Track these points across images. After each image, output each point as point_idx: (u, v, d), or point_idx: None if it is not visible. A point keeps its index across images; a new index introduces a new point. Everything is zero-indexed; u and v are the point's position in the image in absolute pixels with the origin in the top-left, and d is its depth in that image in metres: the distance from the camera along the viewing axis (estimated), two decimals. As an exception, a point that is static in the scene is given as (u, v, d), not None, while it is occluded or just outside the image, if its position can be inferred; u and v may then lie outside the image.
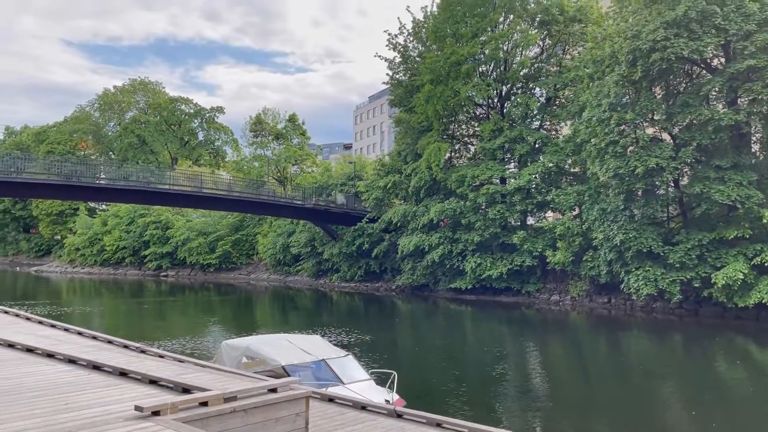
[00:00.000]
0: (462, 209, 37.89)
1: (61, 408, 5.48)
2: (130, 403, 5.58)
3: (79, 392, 6.11)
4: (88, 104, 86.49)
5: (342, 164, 60.95)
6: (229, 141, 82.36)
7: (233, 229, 58.81)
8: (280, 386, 6.08)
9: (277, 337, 12.12)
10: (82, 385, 6.43)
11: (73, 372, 7.10)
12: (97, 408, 5.48)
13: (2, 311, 14.38)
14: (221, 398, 5.57)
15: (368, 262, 46.05)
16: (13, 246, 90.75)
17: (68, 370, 7.19)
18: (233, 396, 5.67)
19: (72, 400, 5.74)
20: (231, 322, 32.24)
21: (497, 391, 15.60)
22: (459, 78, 38.62)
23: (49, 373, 7.07)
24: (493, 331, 29.37)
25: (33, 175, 42.11)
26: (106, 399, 5.84)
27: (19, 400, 5.78)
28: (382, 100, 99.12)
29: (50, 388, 6.28)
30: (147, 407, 5.10)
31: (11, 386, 6.32)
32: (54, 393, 6.04)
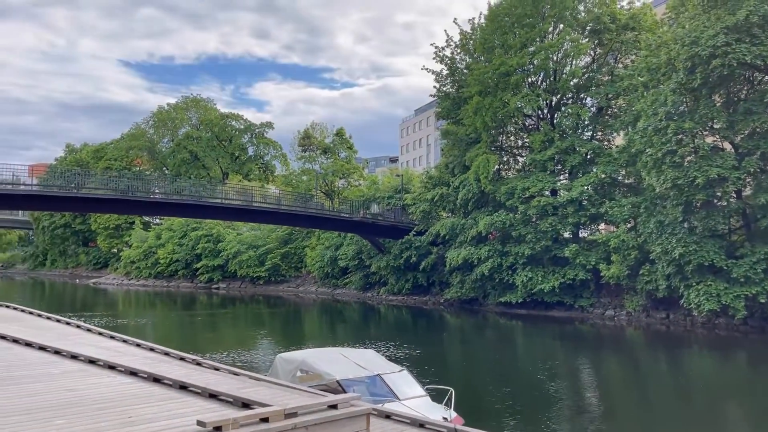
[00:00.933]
0: (512, 222, 37.29)
1: (125, 421, 5.50)
2: (192, 417, 5.54)
3: (141, 405, 6.13)
4: (143, 122, 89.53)
5: (389, 177, 61.02)
6: (278, 156, 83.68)
7: (282, 242, 59.51)
8: (340, 402, 5.95)
9: (331, 350, 12.04)
10: (144, 398, 6.46)
11: (134, 384, 7.16)
12: (160, 422, 5.47)
13: (64, 322, 14.82)
14: (282, 414, 5.48)
15: (416, 275, 45.77)
16: (73, 259, 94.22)
17: (130, 382, 7.26)
18: (294, 412, 5.57)
19: (135, 413, 5.75)
20: (281, 334, 32.46)
21: (554, 410, 15.11)
22: (508, 89, 38.21)
23: (111, 384, 7.15)
24: (546, 346, 28.63)
25: (92, 191, 43.62)
26: (168, 412, 5.84)
27: (84, 412, 5.83)
28: (428, 113, 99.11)
29: (113, 400, 6.32)
30: (209, 422, 5.05)
31: (76, 398, 6.40)
32: (117, 406, 6.07)
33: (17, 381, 7.23)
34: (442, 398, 10.24)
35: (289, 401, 5.96)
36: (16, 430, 5.23)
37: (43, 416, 5.64)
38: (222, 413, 5.69)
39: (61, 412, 5.82)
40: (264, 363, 21.82)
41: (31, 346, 9.99)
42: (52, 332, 12.52)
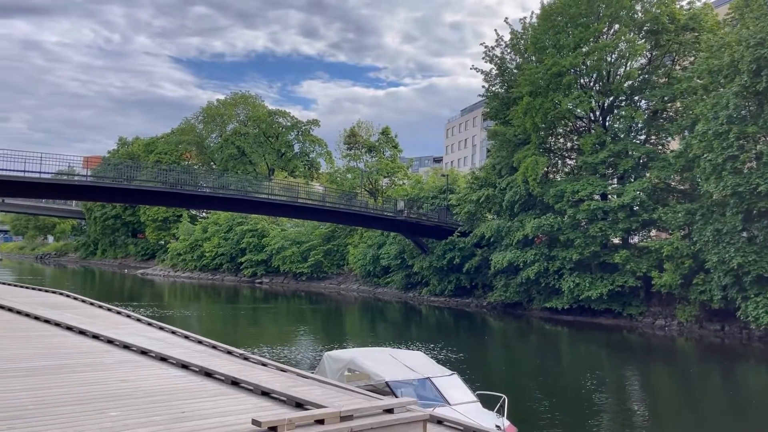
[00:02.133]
0: (560, 225, 36.42)
1: (178, 415, 5.40)
2: (246, 416, 5.41)
3: (194, 399, 6.04)
4: (193, 117, 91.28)
5: (433, 177, 60.58)
6: (323, 153, 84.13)
7: (325, 239, 59.74)
8: (396, 407, 5.73)
9: (379, 350, 11.84)
10: (196, 392, 6.37)
11: (186, 378, 7.09)
12: (213, 418, 5.35)
13: (115, 311, 15.04)
14: (337, 416, 5.29)
15: (459, 277, 45.23)
16: (122, 249, 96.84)
17: (181, 375, 7.20)
18: (349, 415, 5.37)
19: (188, 408, 5.65)
20: (323, 332, 32.51)
21: (604, 423, 14.56)
22: (559, 90, 37.32)
23: (163, 377, 7.10)
24: (593, 354, 27.85)
25: (142, 183, 44.61)
26: (221, 409, 5.72)
27: (138, 404, 5.77)
28: (475, 113, 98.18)
29: (166, 393, 6.26)
30: (264, 422, 4.89)
31: (129, 389, 6.35)
32: (170, 399, 6.00)
33: (72, 369, 7.26)
34: (492, 405, 9.90)
35: (344, 403, 5.76)
36: (71, 419, 5.20)
37: (98, 406, 5.60)
38: (276, 412, 5.54)
39: (115, 402, 5.77)
40: (305, 359, 21.82)
41: (85, 334, 10.10)
42: (104, 321, 12.70)
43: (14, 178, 33.48)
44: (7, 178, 33.16)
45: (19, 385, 6.29)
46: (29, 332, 10.25)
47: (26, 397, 5.82)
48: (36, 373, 6.94)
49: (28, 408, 5.45)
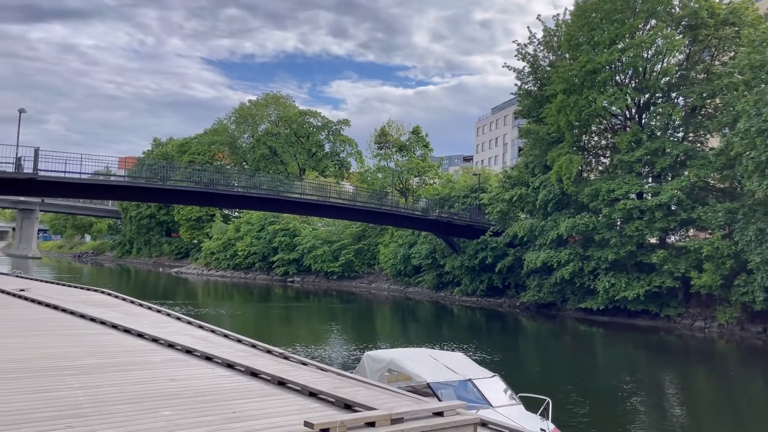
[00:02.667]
0: (595, 225, 35.85)
1: (229, 416, 5.44)
2: (296, 417, 5.42)
3: (242, 400, 6.08)
4: (226, 117, 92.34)
5: (465, 176, 60.19)
6: (354, 153, 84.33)
7: (356, 238, 59.86)
8: (446, 410, 5.67)
9: (420, 351, 11.78)
10: (244, 392, 6.42)
11: (233, 377, 7.15)
12: (264, 419, 5.37)
13: (155, 310, 15.29)
14: (388, 419, 5.26)
15: (491, 277, 44.87)
16: (157, 248, 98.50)
17: (228, 375, 7.26)
18: (400, 417, 5.34)
19: (238, 409, 5.69)
20: (355, 331, 32.57)
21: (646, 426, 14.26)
22: (594, 87, 36.71)
23: (210, 376, 7.17)
24: (630, 356, 27.33)
25: (176, 183, 45.23)
26: (271, 410, 5.74)
27: (188, 404, 5.82)
28: (506, 112, 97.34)
29: (215, 392, 6.31)
30: (317, 424, 4.88)
31: (179, 389, 6.43)
32: (220, 399, 6.05)
33: (122, 367, 7.39)
34: (535, 407, 9.76)
35: (392, 405, 5.73)
36: (126, 417, 5.27)
37: (150, 406, 5.67)
38: (326, 414, 5.54)
39: (167, 402, 5.84)
40: (340, 358, 21.88)
41: (130, 333, 10.29)
42: (145, 319, 12.91)
43: (56, 178, 34.31)
44: (49, 178, 34.00)
45: (74, 383, 6.42)
46: (76, 330, 10.48)
47: (81, 395, 5.94)
48: (88, 371, 7.08)
49: (84, 406, 5.55)
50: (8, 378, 6.54)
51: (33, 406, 5.49)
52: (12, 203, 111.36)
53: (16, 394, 5.89)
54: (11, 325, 10.61)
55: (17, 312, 12.58)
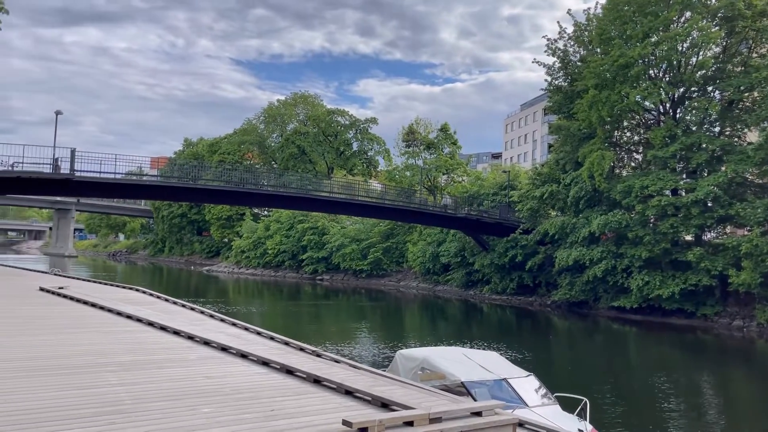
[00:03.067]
0: (628, 222, 35.22)
1: (267, 414, 5.44)
2: (333, 415, 5.40)
3: (279, 397, 6.08)
4: (255, 117, 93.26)
5: (494, 173, 59.72)
6: (381, 151, 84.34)
7: (384, 236, 59.89)
8: (484, 410, 5.59)
9: (453, 350, 11.69)
10: (280, 390, 6.42)
11: (268, 375, 7.17)
12: (302, 417, 5.36)
13: (189, 307, 15.46)
14: (426, 418, 5.21)
15: (521, 275, 44.45)
16: (189, 247, 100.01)
17: (264, 373, 7.28)
18: (438, 417, 5.28)
19: (276, 407, 5.69)
20: (385, 329, 32.55)
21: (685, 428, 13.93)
22: (627, 81, 36.05)
23: (246, 374, 7.20)
24: (666, 355, 26.79)
25: (207, 182, 45.77)
26: (308, 408, 5.73)
27: (227, 401, 5.85)
28: (535, 108, 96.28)
29: (252, 390, 6.33)
30: (355, 423, 4.85)
31: (216, 386, 6.46)
32: (257, 397, 6.06)
33: (159, 365, 7.47)
34: (571, 407, 9.59)
35: (429, 404, 5.67)
36: (165, 414, 5.31)
37: (189, 403, 5.71)
38: (363, 413, 5.50)
39: (205, 399, 5.87)
40: (370, 356, 21.89)
41: (166, 330, 10.41)
42: (180, 317, 13.05)
43: (91, 178, 35.03)
44: (85, 178, 34.72)
45: (114, 380, 6.51)
46: (114, 327, 10.65)
47: (122, 392, 6.01)
48: (127, 368, 7.17)
49: (125, 403, 5.61)
50: (51, 374, 6.67)
51: (76, 402, 5.58)
52: (49, 203, 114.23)
53: (58, 390, 5.99)
54: (52, 323, 10.84)
55: (57, 309, 12.85)
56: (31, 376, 6.50)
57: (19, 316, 11.68)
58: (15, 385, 6.09)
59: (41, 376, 6.55)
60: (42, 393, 5.84)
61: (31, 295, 15.69)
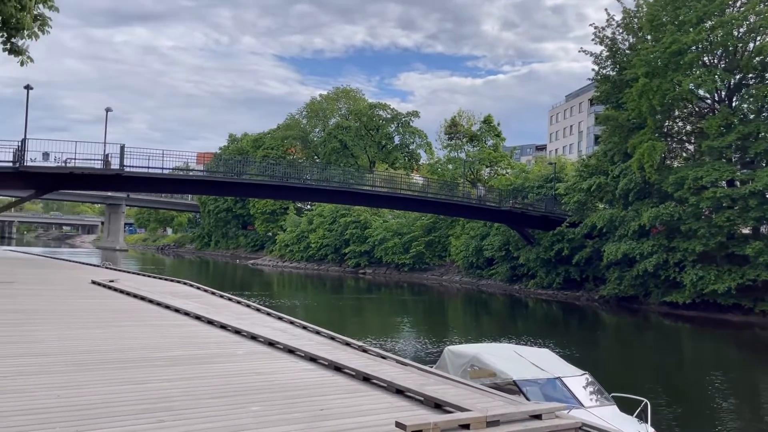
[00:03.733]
0: (680, 215, 33.97)
1: (317, 413, 5.28)
2: (385, 416, 5.21)
3: (329, 396, 5.93)
4: (297, 112, 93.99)
5: (539, 165, 58.60)
6: (423, 144, 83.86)
7: (426, 230, 59.52)
8: (544, 413, 5.31)
9: (504, 347, 11.38)
10: (330, 388, 6.27)
11: (316, 371, 7.03)
12: (353, 418, 5.18)
13: (235, 301, 15.55)
14: (483, 421, 4.96)
15: (568, 269, 43.46)
16: (234, 241, 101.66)
17: (311, 369, 7.15)
18: (495, 420, 5.03)
19: (325, 405, 5.54)
20: (428, 323, 32.28)
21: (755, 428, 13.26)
22: (679, 69, 34.69)
23: (294, 370, 7.08)
24: (723, 354, 25.74)
25: (251, 177, 46.25)
26: (358, 407, 5.55)
27: (275, 399, 5.72)
28: (581, 99, 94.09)
29: (301, 387, 6.19)
30: (409, 425, 4.64)
31: (265, 383, 6.35)
32: (306, 394, 5.92)
33: (207, 360, 7.42)
34: (628, 409, 9.16)
35: (485, 405, 5.42)
36: (216, 412, 5.22)
37: (239, 400, 5.61)
38: (416, 414, 5.30)
39: (254, 397, 5.76)
40: (415, 351, 21.67)
41: (213, 324, 10.42)
42: (226, 311, 13.10)
43: (140, 174, 35.82)
44: (134, 174, 35.53)
45: (163, 375, 6.48)
46: (163, 321, 10.73)
47: (171, 388, 5.95)
48: (176, 362, 7.14)
49: (174, 399, 5.54)
50: (102, 369, 6.67)
51: (126, 398, 5.54)
52: (101, 198, 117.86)
53: (109, 385, 5.97)
54: (103, 316, 11.00)
55: (108, 303, 13.07)
56: (82, 370, 6.52)
57: (71, 308, 11.91)
58: (68, 379, 6.11)
59: (93, 370, 6.57)
60: (93, 388, 5.83)
61: (83, 287, 16.06)
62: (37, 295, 13.82)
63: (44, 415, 4.85)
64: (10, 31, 14.30)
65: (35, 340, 8.16)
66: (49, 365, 6.66)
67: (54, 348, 7.71)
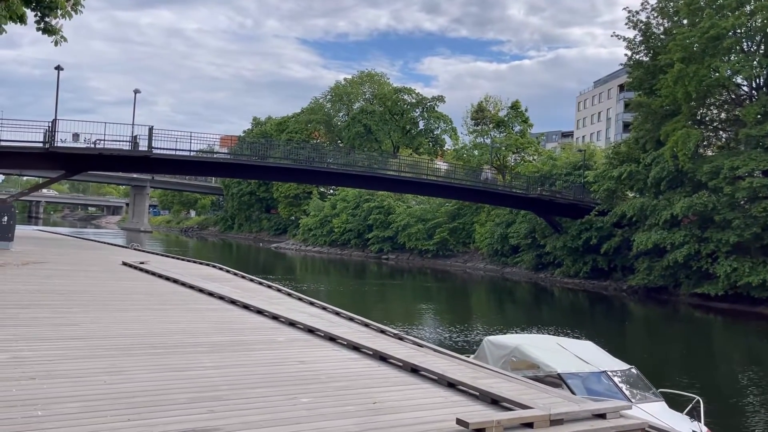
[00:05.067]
0: (715, 204, 33.15)
1: (370, 407, 5.08)
2: (442, 411, 5.00)
3: (379, 388, 5.72)
4: (321, 96, 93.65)
5: (567, 152, 57.67)
6: (448, 130, 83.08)
7: (451, 216, 59.08)
8: (609, 412, 5.04)
9: (546, 338, 11.10)
10: (378, 379, 6.06)
11: (361, 361, 6.84)
12: (409, 413, 4.96)
13: (266, 285, 15.44)
14: (547, 420, 4.71)
15: (595, 258, 42.82)
16: (257, 224, 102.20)
17: (356, 359, 6.95)
18: (560, 419, 4.78)
19: (378, 398, 5.32)
20: (454, 311, 32.04)
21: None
22: (717, 55, 33.68)
23: (339, 359, 6.90)
24: (757, 347, 25.12)
25: (275, 160, 46.19)
26: (413, 401, 5.33)
27: (326, 390, 5.53)
28: (609, 85, 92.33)
29: (349, 378, 5.99)
30: (472, 423, 4.41)
31: (311, 372, 6.16)
32: (355, 386, 5.72)
33: (250, 347, 7.26)
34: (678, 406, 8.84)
35: (546, 403, 5.16)
36: (266, 403, 5.05)
37: (288, 391, 5.42)
38: (476, 410, 5.06)
39: (302, 387, 5.57)
40: (445, 340, 21.45)
41: (249, 309, 10.28)
42: (260, 295, 12.98)
43: (168, 156, 35.92)
44: (162, 156, 35.64)
45: (207, 362, 6.33)
46: (198, 305, 10.63)
47: (216, 376, 5.79)
48: (218, 349, 6.99)
49: (221, 388, 5.38)
50: (145, 354, 6.54)
51: (171, 386, 5.39)
52: (126, 180, 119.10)
53: (153, 371, 5.83)
54: (139, 299, 10.93)
55: (142, 285, 13.03)
56: (126, 355, 6.39)
57: (107, 290, 11.88)
58: (112, 364, 5.98)
59: (136, 355, 6.44)
60: (138, 374, 5.69)
61: (115, 269, 16.08)
62: (70, 277, 13.84)
63: (94, 402, 4.71)
64: (44, 10, 14.21)
65: (75, 323, 8.08)
66: (94, 349, 6.54)
67: (95, 331, 7.61)
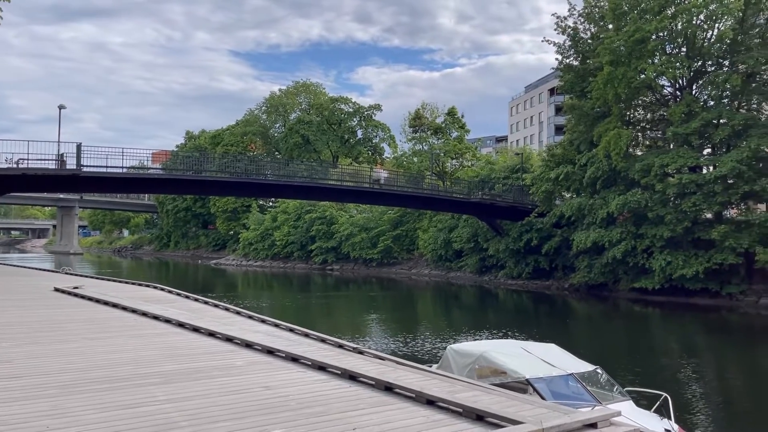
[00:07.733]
0: (647, 201, 34.38)
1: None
2: None
3: (356, 411, 5.31)
4: (257, 107, 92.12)
5: (504, 156, 58.81)
6: (386, 138, 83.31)
7: (394, 224, 59.11)
8: (599, 420, 4.83)
9: (510, 343, 10.96)
10: (353, 401, 5.65)
11: (331, 382, 6.41)
12: (392, 436, 4.60)
13: (212, 304, 14.70)
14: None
15: (537, 259, 43.69)
16: (194, 240, 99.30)
17: (325, 380, 6.52)
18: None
19: (356, 422, 4.93)
20: (399, 320, 31.76)
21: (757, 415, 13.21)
22: (642, 57, 35.04)
23: (305, 382, 6.44)
24: (692, 337, 26.07)
25: (211, 174, 44.84)
26: (393, 423, 4.95)
27: (297, 419, 5.08)
28: (540, 90, 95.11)
29: (321, 403, 5.55)
30: (464, 444, 4.09)
31: (278, 399, 5.70)
32: (330, 411, 5.29)
33: (206, 374, 6.71)
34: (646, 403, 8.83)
35: (532, 415, 4.90)
36: (234, 439, 4.56)
37: (256, 422, 4.95)
38: (462, 428, 4.74)
39: (273, 417, 5.11)
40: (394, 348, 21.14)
41: (199, 332, 9.66)
42: (208, 315, 12.29)
43: (99, 173, 34.21)
44: (93, 174, 33.90)
45: (161, 395, 5.74)
46: (143, 330, 9.90)
47: (173, 410, 5.25)
48: (171, 379, 6.41)
49: (181, 425, 4.84)
50: (88, 391, 5.88)
51: (124, 426, 4.81)
52: (52, 201, 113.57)
53: (101, 410, 5.21)
54: (77, 327, 10.08)
55: (78, 312, 12.10)
56: (68, 394, 5.72)
57: (39, 320, 10.92)
58: (54, 405, 5.31)
59: (79, 393, 5.77)
60: (84, 415, 5.05)
61: (46, 296, 14.95)
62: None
63: (36, 454, 4.12)
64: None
65: (7, 360, 7.27)
66: (32, 389, 5.84)
67: (31, 368, 6.84)
